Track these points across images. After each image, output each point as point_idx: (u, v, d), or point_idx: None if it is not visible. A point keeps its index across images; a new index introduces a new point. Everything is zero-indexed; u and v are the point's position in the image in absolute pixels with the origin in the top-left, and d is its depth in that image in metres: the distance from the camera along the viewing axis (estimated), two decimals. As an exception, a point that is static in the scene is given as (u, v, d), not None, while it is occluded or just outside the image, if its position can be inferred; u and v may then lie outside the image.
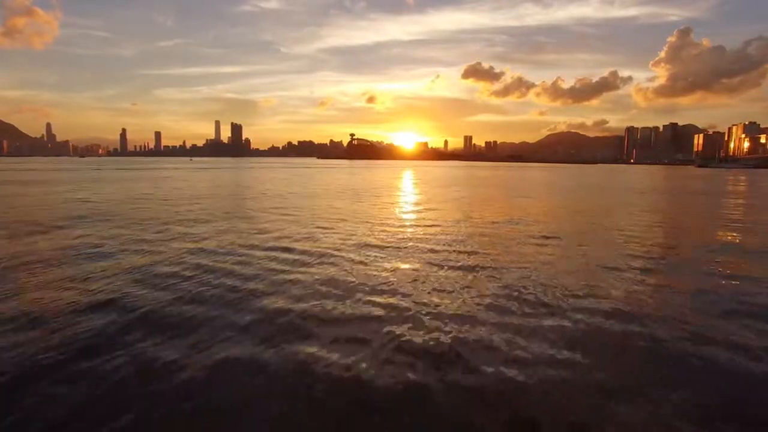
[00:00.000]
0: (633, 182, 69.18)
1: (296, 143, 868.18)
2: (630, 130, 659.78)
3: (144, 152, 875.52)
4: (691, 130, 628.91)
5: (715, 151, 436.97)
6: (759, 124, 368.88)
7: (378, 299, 9.37)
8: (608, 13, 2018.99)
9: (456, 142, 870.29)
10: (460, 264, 12.78)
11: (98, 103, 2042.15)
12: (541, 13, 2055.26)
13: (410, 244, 15.97)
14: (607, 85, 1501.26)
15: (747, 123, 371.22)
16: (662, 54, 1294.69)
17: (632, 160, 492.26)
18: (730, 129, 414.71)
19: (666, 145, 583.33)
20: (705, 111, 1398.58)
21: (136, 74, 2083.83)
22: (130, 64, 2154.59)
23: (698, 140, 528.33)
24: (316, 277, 11.13)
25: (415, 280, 11.02)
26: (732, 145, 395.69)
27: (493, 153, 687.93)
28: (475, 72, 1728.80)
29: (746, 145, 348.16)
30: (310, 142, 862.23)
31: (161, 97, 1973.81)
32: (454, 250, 14.62)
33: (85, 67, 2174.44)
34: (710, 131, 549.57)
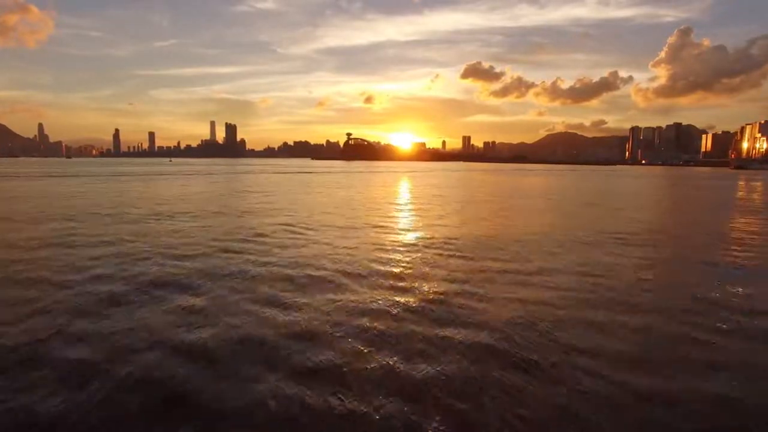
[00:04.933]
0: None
1: (292, 144, 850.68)
2: (634, 130, 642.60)
3: (138, 153, 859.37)
4: (691, 130, 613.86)
5: (724, 152, 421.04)
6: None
7: None
8: (604, 13, 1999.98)
9: (454, 143, 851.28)
10: None
11: (93, 104, 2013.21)
12: (536, 14, 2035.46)
13: None
14: (607, 85, 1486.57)
15: (763, 122, 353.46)
16: (662, 54, 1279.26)
17: (643, 161, 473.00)
18: (743, 128, 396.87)
19: (669, 146, 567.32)
20: (703, 111, 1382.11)
21: (131, 74, 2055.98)
22: (126, 65, 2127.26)
23: (706, 140, 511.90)
24: None
25: None
26: (746, 145, 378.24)
27: (492, 153, 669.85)
28: (474, 71, 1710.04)
29: (764, 145, 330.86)
30: (306, 143, 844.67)
31: (157, 97, 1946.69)
32: None
33: (79, 67, 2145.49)
34: (710, 131, 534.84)
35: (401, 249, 16.07)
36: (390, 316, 9.20)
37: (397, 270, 12.95)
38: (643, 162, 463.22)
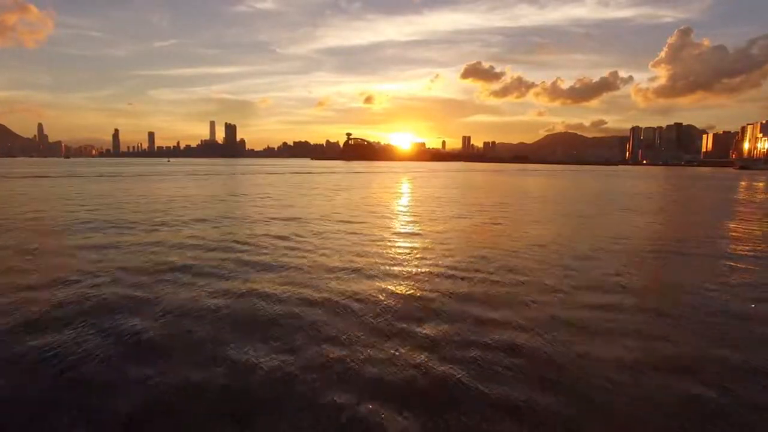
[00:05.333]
0: None
1: (291, 144, 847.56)
2: (634, 130, 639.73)
3: (137, 153, 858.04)
4: (691, 130, 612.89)
5: (725, 152, 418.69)
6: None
7: None
8: (603, 14, 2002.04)
9: (453, 143, 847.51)
10: None
11: (92, 104, 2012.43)
12: (536, 14, 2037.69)
13: None
14: (607, 85, 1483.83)
15: (764, 122, 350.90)
16: (662, 54, 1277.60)
17: (645, 162, 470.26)
18: (744, 128, 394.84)
19: (669, 146, 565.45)
20: (703, 111, 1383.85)
21: (130, 75, 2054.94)
22: (125, 65, 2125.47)
23: (707, 140, 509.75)
24: None
25: None
26: (747, 145, 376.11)
27: (492, 154, 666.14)
28: (474, 72, 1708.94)
29: (766, 145, 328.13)
30: (306, 143, 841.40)
31: (156, 97, 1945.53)
32: None
33: (79, 67, 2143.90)
34: (710, 131, 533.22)
35: (415, 274, 13.47)
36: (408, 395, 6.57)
37: (414, 307, 10.40)
38: (645, 162, 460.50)
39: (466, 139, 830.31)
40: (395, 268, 13.34)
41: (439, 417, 5.69)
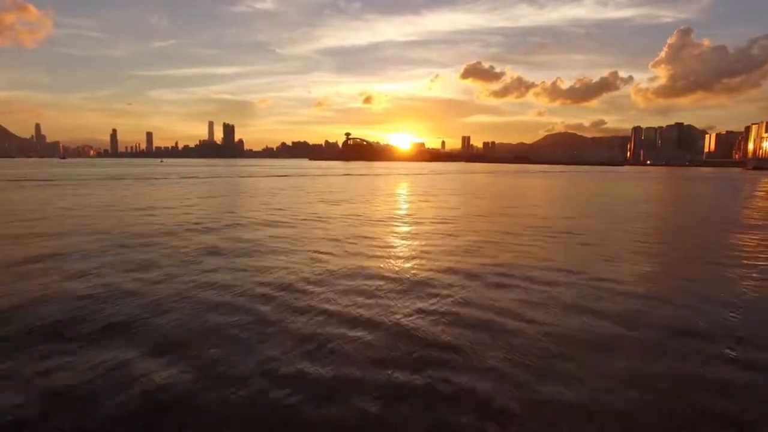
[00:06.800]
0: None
1: (290, 144, 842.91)
2: (636, 130, 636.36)
3: (135, 153, 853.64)
4: (691, 130, 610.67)
5: (728, 152, 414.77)
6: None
7: None
8: (602, 14, 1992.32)
9: (453, 143, 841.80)
10: None
11: (91, 104, 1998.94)
12: (536, 14, 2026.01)
13: None
14: (607, 85, 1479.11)
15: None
16: (662, 54, 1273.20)
17: (648, 162, 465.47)
18: (748, 128, 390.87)
19: (671, 146, 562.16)
20: (703, 111, 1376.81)
21: (129, 75, 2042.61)
22: (124, 65, 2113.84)
23: (710, 140, 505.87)
24: None
25: None
26: (751, 145, 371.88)
27: (492, 154, 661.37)
28: (474, 72, 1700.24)
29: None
30: (305, 143, 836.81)
31: (155, 97, 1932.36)
32: None
33: (78, 68, 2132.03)
34: (709, 131, 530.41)
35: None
36: None
37: None
38: (648, 162, 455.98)
39: (466, 140, 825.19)
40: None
41: None
